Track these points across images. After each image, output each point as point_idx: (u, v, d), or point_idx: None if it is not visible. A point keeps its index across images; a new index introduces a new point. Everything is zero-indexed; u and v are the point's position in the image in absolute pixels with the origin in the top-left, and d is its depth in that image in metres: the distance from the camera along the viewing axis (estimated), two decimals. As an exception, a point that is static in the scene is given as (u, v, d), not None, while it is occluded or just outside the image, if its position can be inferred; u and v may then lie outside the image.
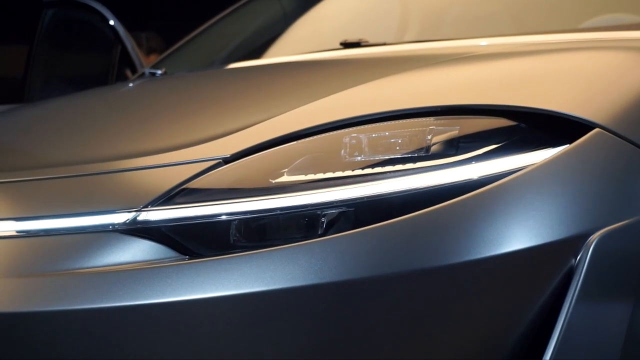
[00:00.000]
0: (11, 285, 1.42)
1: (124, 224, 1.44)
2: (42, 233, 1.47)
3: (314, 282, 1.34)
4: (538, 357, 1.39)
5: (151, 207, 1.45)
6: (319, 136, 1.51)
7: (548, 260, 1.38)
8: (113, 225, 1.44)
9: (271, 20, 3.21)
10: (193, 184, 1.47)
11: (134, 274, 1.38)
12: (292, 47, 2.92)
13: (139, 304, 1.36)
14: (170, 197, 1.45)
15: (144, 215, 1.44)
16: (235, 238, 1.42)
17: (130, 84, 2.82)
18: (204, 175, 1.48)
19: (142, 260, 1.41)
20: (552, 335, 1.37)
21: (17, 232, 1.49)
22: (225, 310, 1.36)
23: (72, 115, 2.27)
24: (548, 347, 1.38)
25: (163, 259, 1.41)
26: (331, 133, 1.51)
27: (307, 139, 1.51)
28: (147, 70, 3.05)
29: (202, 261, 1.39)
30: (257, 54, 2.98)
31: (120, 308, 1.36)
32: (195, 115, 1.87)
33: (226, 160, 1.51)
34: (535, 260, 1.37)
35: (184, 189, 1.46)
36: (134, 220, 1.44)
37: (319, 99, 1.63)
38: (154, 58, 4.50)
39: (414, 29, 2.96)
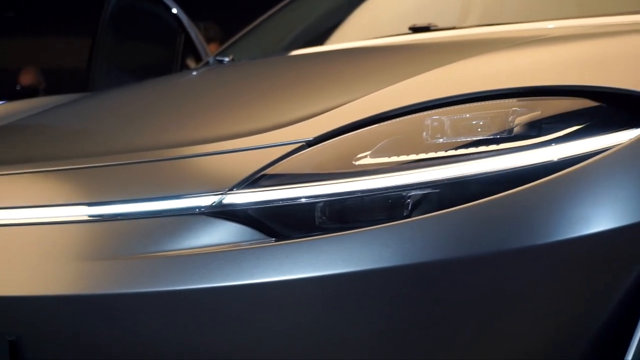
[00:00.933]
0: (103, 268, 1.44)
1: (211, 206, 1.46)
2: (131, 216, 1.50)
3: (402, 263, 1.35)
4: (626, 341, 1.38)
5: (237, 189, 1.46)
6: (401, 119, 1.52)
7: (636, 240, 1.37)
8: (200, 208, 1.46)
9: (336, 6, 3.21)
10: (277, 167, 1.48)
11: (222, 255, 1.40)
12: (358, 32, 2.92)
13: (227, 286, 1.38)
14: (255, 180, 1.47)
15: (230, 198, 1.46)
16: (320, 220, 1.43)
17: (199, 71, 2.84)
18: (288, 158, 1.49)
19: (228, 242, 1.43)
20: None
21: (109, 215, 1.52)
22: (312, 292, 1.37)
23: (145, 102, 2.30)
24: (636, 331, 1.38)
25: (249, 240, 1.43)
26: (413, 115, 1.52)
27: (389, 122, 1.52)
28: (211, 59, 3.07)
29: (288, 243, 1.40)
30: (325, 40, 2.99)
31: (208, 290, 1.38)
32: (273, 99, 1.88)
33: (309, 143, 1.52)
34: (623, 240, 1.37)
35: (268, 172, 1.48)
36: (220, 203, 1.46)
37: (398, 82, 1.64)
38: (213, 47, 4.53)
39: (475, 13, 2.95)
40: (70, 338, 1.44)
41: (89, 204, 1.54)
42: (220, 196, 1.46)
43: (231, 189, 1.46)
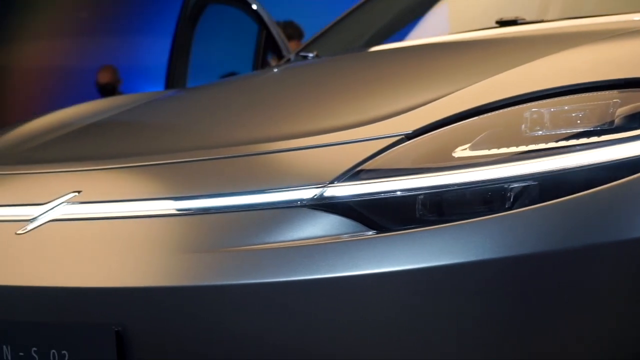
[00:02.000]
0: (207, 260, 1.47)
1: (312, 199, 1.48)
2: (234, 209, 1.52)
3: (504, 255, 1.35)
4: None
5: (337, 182, 1.48)
6: (499, 111, 1.52)
7: None
8: (301, 200, 1.48)
9: (417, 2, 3.22)
10: (377, 160, 1.50)
11: (324, 247, 1.42)
12: (444, 27, 2.92)
13: (330, 277, 1.39)
14: (355, 173, 1.48)
15: (331, 191, 1.47)
16: (420, 213, 1.44)
17: (284, 68, 2.86)
18: (387, 151, 1.51)
19: (330, 235, 1.45)
20: None
21: (212, 208, 1.54)
22: (412, 284, 1.38)
23: (234, 98, 2.33)
24: None
25: (351, 233, 1.45)
26: (512, 108, 1.52)
27: (488, 114, 1.52)
28: (293, 56, 3.09)
29: (389, 235, 1.41)
30: (407, 35, 3.00)
31: (312, 281, 1.40)
32: (366, 94, 1.90)
33: (409, 136, 1.53)
34: None
35: (368, 165, 1.49)
36: (322, 196, 1.47)
37: (494, 75, 1.64)
38: (292, 45, 4.55)
39: (557, 7, 2.93)
40: (174, 328, 1.47)
41: (193, 197, 1.57)
42: (321, 189, 1.48)
43: (332, 182, 1.48)
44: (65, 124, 2.37)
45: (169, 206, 1.60)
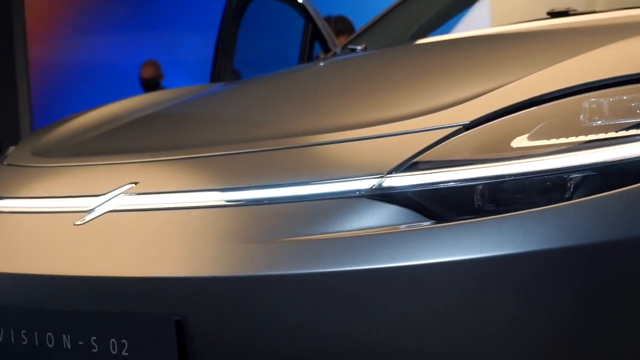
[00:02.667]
0: (265, 250, 1.48)
1: (371, 189, 1.48)
2: (292, 200, 1.53)
3: (565, 244, 1.35)
4: None
5: (396, 172, 1.48)
6: (557, 101, 1.52)
7: None
8: (360, 191, 1.49)
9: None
10: (435, 150, 1.50)
11: (382, 237, 1.43)
12: (490, 19, 2.91)
13: (388, 267, 1.40)
14: (414, 163, 1.49)
15: (390, 181, 1.48)
16: (479, 203, 1.44)
17: (333, 60, 2.87)
18: (445, 142, 1.51)
19: (388, 225, 1.45)
20: None
21: (272, 198, 1.55)
22: (472, 274, 1.38)
23: (285, 91, 2.34)
24: None
25: (409, 223, 1.45)
26: (570, 98, 1.52)
27: (546, 105, 1.52)
28: (339, 49, 3.10)
29: (448, 225, 1.42)
30: (456, 27, 2.99)
31: (369, 271, 1.41)
32: (422, 85, 1.90)
33: (466, 127, 1.53)
34: None
35: (426, 155, 1.49)
36: (380, 186, 1.48)
37: (551, 66, 1.63)
38: (342, 40, 4.54)
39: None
40: (233, 318, 1.48)
41: (251, 188, 1.58)
42: (380, 179, 1.49)
43: (390, 172, 1.49)
44: (116, 117, 2.40)
45: (227, 197, 1.61)
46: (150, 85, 7.48)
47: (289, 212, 1.52)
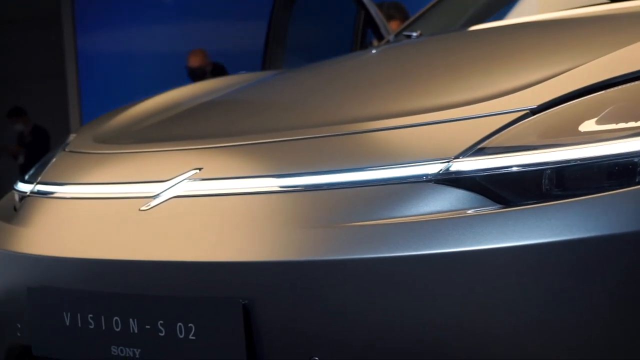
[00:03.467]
0: (331, 234, 1.49)
1: (438, 174, 1.48)
2: (358, 184, 1.54)
3: (635, 229, 1.34)
4: None
5: (463, 157, 1.48)
6: (626, 85, 1.51)
7: None
8: (427, 175, 1.49)
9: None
10: (502, 135, 1.50)
11: (450, 222, 1.43)
12: (547, 4, 2.89)
13: (456, 251, 1.40)
14: (481, 148, 1.48)
15: (457, 166, 1.48)
16: (547, 187, 1.44)
17: (385, 47, 2.86)
18: (512, 126, 1.50)
19: (456, 209, 1.45)
20: None
21: (335, 184, 1.56)
22: (540, 258, 1.38)
23: (343, 77, 2.33)
24: None
25: (476, 207, 1.45)
26: (638, 82, 1.50)
27: (615, 88, 1.51)
28: (392, 37, 3.09)
29: (516, 210, 1.42)
30: (511, 13, 2.97)
31: (437, 255, 1.41)
32: (484, 71, 1.89)
33: (534, 111, 1.52)
34: None
35: (493, 140, 1.49)
36: (447, 171, 1.48)
37: (617, 50, 1.62)
38: (394, 25, 4.52)
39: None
40: (300, 302, 1.49)
41: (317, 173, 1.59)
42: (447, 164, 1.49)
43: (457, 157, 1.49)
44: (175, 105, 2.41)
45: (291, 182, 1.62)
46: (197, 74, 7.49)
47: (357, 197, 1.52)
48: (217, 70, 7.42)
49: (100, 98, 9.19)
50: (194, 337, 1.58)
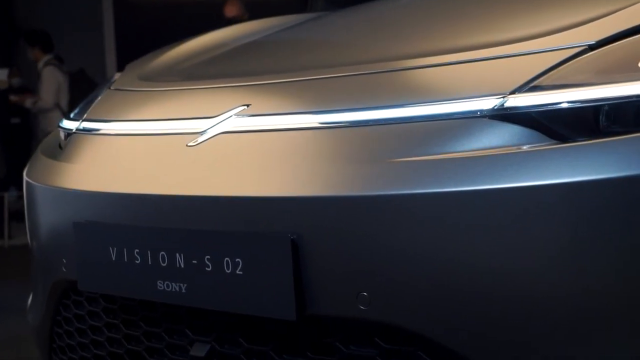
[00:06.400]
0: (382, 169, 1.47)
1: (492, 109, 1.46)
2: (411, 120, 1.51)
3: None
4: None
5: (519, 92, 1.45)
6: None
7: None
8: (481, 111, 1.46)
9: None
10: (559, 70, 1.47)
11: (505, 157, 1.40)
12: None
13: (511, 187, 1.38)
14: (537, 83, 1.46)
15: (512, 101, 1.45)
16: (604, 124, 1.41)
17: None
18: (570, 62, 1.47)
19: (510, 145, 1.43)
20: None
21: (389, 119, 1.54)
22: (599, 194, 1.35)
23: (393, 15, 2.30)
24: None
25: (532, 143, 1.42)
26: None
27: None
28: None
29: (572, 146, 1.39)
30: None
31: (492, 190, 1.38)
32: (542, 7, 1.84)
33: (592, 47, 1.49)
34: None
35: (550, 75, 1.46)
36: (502, 106, 1.45)
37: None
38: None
39: None
40: (349, 237, 1.47)
41: (367, 109, 1.57)
42: (502, 99, 1.46)
43: (513, 92, 1.46)
44: (221, 44, 2.39)
45: (340, 118, 1.60)
46: (232, 24, 7.46)
47: (410, 132, 1.50)
48: None
49: (136, 47, 9.17)
50: (240, 272, 1.57)
